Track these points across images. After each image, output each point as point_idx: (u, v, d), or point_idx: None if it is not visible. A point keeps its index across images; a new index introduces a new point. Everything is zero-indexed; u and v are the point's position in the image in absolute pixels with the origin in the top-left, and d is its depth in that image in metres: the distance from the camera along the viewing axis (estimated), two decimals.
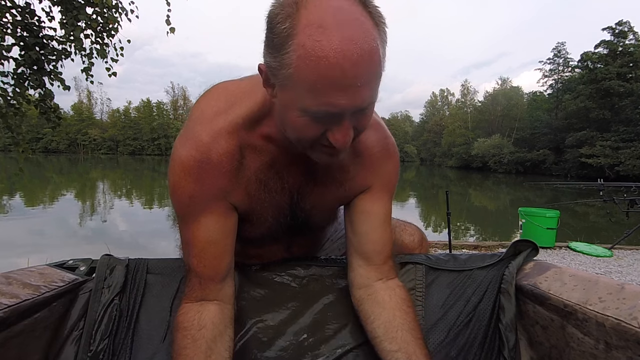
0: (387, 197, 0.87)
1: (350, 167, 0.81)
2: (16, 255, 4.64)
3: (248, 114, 0.73)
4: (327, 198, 0.84)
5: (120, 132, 74.55)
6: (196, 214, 0.76)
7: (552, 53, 43.78)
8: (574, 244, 4.79)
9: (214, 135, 0.73)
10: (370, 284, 0.86)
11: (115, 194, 14.30)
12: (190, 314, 0.77)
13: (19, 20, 3.79)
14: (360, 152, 0.81)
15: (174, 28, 4.51)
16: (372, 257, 0.85)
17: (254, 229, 0.85)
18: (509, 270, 0.91)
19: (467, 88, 66.17)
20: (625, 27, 32.67)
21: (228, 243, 0.80)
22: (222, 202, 0.77)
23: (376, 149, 0.82)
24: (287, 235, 0.92)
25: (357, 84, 0.54)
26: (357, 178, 0.83)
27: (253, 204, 0.80)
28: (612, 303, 0.66)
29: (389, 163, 0.86)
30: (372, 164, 0.83)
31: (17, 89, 3.89)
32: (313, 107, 0.56)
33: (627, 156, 28.98)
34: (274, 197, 0.80)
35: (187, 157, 0.73)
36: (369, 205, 0.85)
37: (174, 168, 0.74)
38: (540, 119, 43.86)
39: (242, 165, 0.76)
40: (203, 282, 0.78)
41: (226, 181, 0.75)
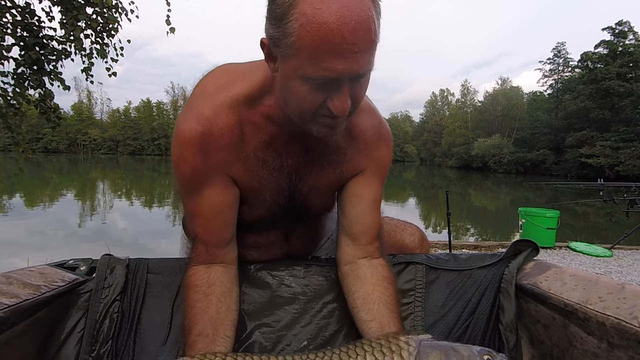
0: (378, 181, 0.90)
1: (346, 149, 0.85)
2: (16, 255, 4.64)
3: (249, 92, 0.76)
4: (323, 181, 0.87)
5: (120, 132, 74.56)
6: (200, 187, 0.79)
7: (552, 53, 43.87)
8: (574, 244, 4.79)
9: (215, 110, 0.76)
10: (355, 261, 0.90)
11: (115, 194, 14.31)
12: (199, 274, 0.82)
13: (19, 20, 3.79)
14: (356, 135, 0.85)
15: (174, 28, 4.51)
16: (360, 237, 0.89)
17: (252, 210, 0.88)
18: (508, 270, 0.91)
19: (467, 88, 66.23)
20: (625, 27, 32.70)
21: (231, 215, 0.84)
22: (223, 175, 0.80)
23: (370, 132, 0.86)
24: (285, 221, 0.94)
25: (355, 49, 0.57)
26: (352, 160, 0.86)
27: (252, 181, 0.83)
28: (612, 302, 0.67)
29: (383, 147, 0.89)
30: (366, 147, 0.86)
31: (17, 89, 3.89)
32: (314, 73, 0.59)
33: (627, 156, 28.99)
34: (273, 175, 0.83)
35: (190, 130, 0.75)
36: (361, 189, 0.89)
37: (177, 142, 0.77)
38: (540, 119, 43.88)
39: (243, 140, 0.79)
40: (209, 249, 0.83)
41: (227, 154, 0.78)
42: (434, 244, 4.48)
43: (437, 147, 65.68)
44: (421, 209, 12.90)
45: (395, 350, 0.67)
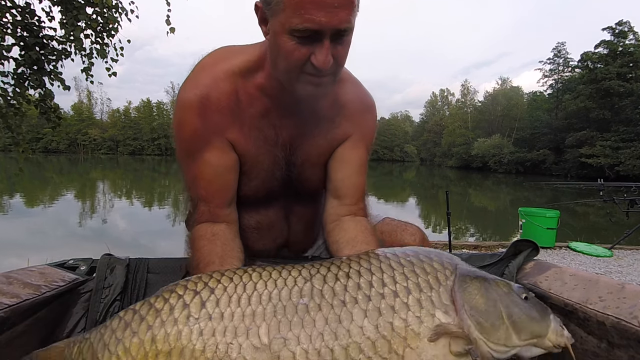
0: (364, 146, 0.98)
1: (334, 118, 0.93)
2: (16, 256, 4.64)
3: (245, 64, 0.85)
4: (315, 150, 0.94)
5: (120, 132, 74.49)
6: (200, 149, 0.85)
7: (552, 53, 43.84)
8: (574, 244, 4.79)
9: (213, 78, 0.84)
10: (339, 218, 0.95)
11: (115, 194, 14.31)
12: (203, 228, 0.87)
13: (19, 20, 3.79)
14: (342, 104, 0.94)
15: (174, 28, 4.51)
16: (345, 198, 0.95)
17: (250, 180, 0.93)
18: (508, 269, 0.91)
19: (467, 88, 66.17)
20: (625, 27, 32.68)
21: (231, 178, 0.90)
22: (222, 138, 0.86)
23: (356, 102, 0.95)
24: (283, 199, 0.99)
25: (335, 4, 0.67)
26: (340, 128, 0.94)
27: (249, 146, 0.89)
28: (612, 302, 0.67)
29: (368, 116, 0.98)
30: (352, 116, 0.95)
31: (17, 89, 3.89)
32: (299, 24, 0.68)
33: (627, 156, 28.99)
34: (268, 144, 0.90)
35: (190, 96, 0.83)
36: (347, 153, 0.95)
37: (178, 108, 0.85)
38: (540, 119, 43.85)
39: (239, 108, 0.86)
40: (211, 209, 0.88)
41: (224, 118, 0.85)
42: (434, 244, 4.46)
43: (437, 147, 65.67)
44: (421, 209, 12.90)
45: (430, 272, 0.63)
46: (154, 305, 0.62)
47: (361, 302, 0.60)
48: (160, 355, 0.58)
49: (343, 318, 0.59)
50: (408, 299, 0.60)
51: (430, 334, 0.58)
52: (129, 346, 0.60)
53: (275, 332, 0.58)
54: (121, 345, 0.60)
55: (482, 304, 0.60)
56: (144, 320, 0.61)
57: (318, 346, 0.57)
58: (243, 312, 0.59)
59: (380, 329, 0.58)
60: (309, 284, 0.62)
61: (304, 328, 0.58)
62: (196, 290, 0.63)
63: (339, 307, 0.60)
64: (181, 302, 0.62)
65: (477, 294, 0.61)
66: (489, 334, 0.58)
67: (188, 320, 0.59)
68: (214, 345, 0.57)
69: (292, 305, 0.60)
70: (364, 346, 0.57)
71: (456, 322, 0.59)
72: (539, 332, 0.61)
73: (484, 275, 0.64)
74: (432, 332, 0.58)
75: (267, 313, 0.59)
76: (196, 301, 0.61)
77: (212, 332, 0.58)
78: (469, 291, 0.61)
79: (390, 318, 0.59)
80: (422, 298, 0.60)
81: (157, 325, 0.60)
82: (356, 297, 0.60)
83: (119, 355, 0.59)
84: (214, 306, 0.60)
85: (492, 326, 0.59)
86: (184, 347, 0.58)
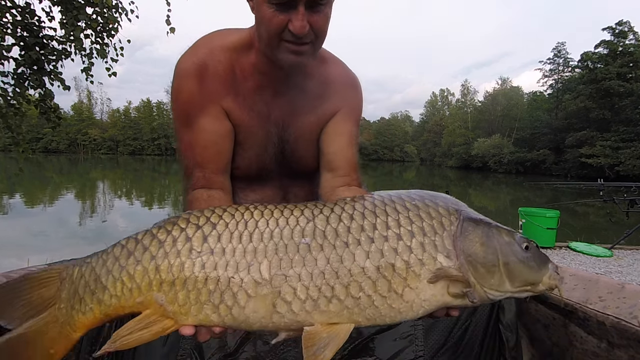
0: (352, 120, 1.02)
1: (323, 95, 0.99)
2: (16, 256, 4.64)
3: (239, 42, 0.91)
4: (307, 127, 0.99)
5: (120, 132, 74.52)
6: (196, 116, 0.89)
7: (552, 53, 43.85)
8: (574, 244, 4.79)
9: (211, 50, 0.90)
10: (334, 190, 0.96)
11: (115, 194, 14.31)
12: (199, 192, 0.90)
13: (19, 20, 3.79)
14: (330, 82, 1.00)
15: (174, 28, 4.52)
16: (338, 170, 0.98)
17: (244, 151, 0.97)
18: None
19: (467, 88, 66.18)
20: (625, 27, 32.70)
21: (226, 144, 0.93)
22: (217, 106, 0.90)
23: (341, 79, 1.02)
24: (279, 176, 1.02)
25: None
26: (328, 103, 1.00)
27: (243, 115, 0.93)
28: (612, 302, 0.67)
29: (353, 92, 1.04)
30: (338, 92, 1.01)
31: (17, 89, 3.89)
32: None
33: (627, 156, 29.00)
34: (261, 117, 0.94)
35: (188, 64, 0.88)
36: (338, 126, 1.00)
37: (176, 76, 0.89)
38: (540, 119, 43.86)
39: (235, 80, 0.91)
40: (207, 174, 0.91)
41: (220, 85, 0.89)
42: None
43: (437, 147, 65.67)
44: None
45: (435, 217, 0.64)
46: (156, 236, 0.63)
47: (364, 244, 0.61)
48: (164, 284, 0.60)
49: (345, 258, 0.60)
50: (411, 242, 0.61)
51: (430, 276, 0.60)
52: (133, 273, 0.61)
53: (276, 268, 0.59)
54: (125, 272, 0.61)
55: (481, 251, 0.62)
56: (147, 250, 0.62)
57: (319, 283, 0.59)
58: (244, 248, 0.61)
59: (381, 270, 0.59)
60: (311, 224, 0.63)
61: (305, 266, 0.59)
62: (198, 224, 0.64)
63: (342, 247, 0.61)
64: (184, 235, 0.63)
65: (477, 241, 0.62)
66: (484, 279, 0.61)
67: (190, 254, 0.61)
68: (216, 278, 0.59)
69: (294, 244, 0.61)
70: (365, 285, 0.59)
71: (457, 266, 0.60)
72: (533, 280, 0.63)
73: (487, 223, 0.65)
74: (432, 274, 0.60)
75: (269, 250, 0.60)
76: (198, 235, 0.62)
77: (214, 266, 0.60)
78: (471, 238, 0.62)
79: (392, 260, 0.60)
80: (426, 242, 0.62)
81: (160, 256, 0.61)
82: (359, 238, 0.61)
83: (123, 281, 0.61)
84: (215, 241, 0.62)
85: (487, 272, 0.61)
86: (187, 278, 0.59)
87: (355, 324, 0.60)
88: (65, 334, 0.62)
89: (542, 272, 0.63)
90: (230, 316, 0.59)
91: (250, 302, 0.58)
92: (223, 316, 0.59)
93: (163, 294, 0.60)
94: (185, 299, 0.59)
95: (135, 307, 0.62)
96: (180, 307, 0.60)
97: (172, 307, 0.60)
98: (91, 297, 0.62)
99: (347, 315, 0.59)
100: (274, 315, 0.59)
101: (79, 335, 0.63)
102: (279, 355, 0.90)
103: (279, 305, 0.58)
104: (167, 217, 2.14)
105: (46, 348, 0.61)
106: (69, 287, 0.63)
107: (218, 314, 0.59)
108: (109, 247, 0.65)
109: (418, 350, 0.91)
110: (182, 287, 0.60)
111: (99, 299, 0.62)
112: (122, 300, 0.61)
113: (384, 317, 0.60)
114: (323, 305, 0.58)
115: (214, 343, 0.91)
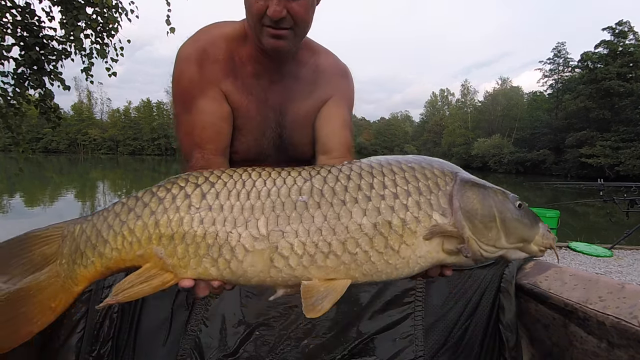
0: (345, 106, 1.07)
1: (316, 82, 1.05)
2: None
3: (234, 31, 0.97)
4: (302, 111, 1.04)
5: (120, 132, 74.48)
6: (195, 98, 0.92)
7: (552, 53, 43.82)
8: (574, 244, 4.79)
9: (211, 36, 0.95)
10: None
11: (115, 194, 14.29)
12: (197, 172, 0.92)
13: (19, 20, 3.79)
14: (322, 70, 1.06)
15: (174, 28, 4.52)
16: (332, 152, 1.01)
17: (243, 135, 1.00)
18: (508, 269, 0.91)
19: (467, 88, 66.14)
20: (625, 27, 32.68)
21: (224, 126, 0.96)
22: (216, 89, 0.94)
23: (333, 68, 1.09)
24: (277, 162, 1.05)
25: None
26: (322, 90, 1.06)
27: (242, 100, 0.96)
28: (612, 302, 0.67)
29: (345, 80, 1.11)
30: (330, 80, 1.07)
31: (17, 89, 3.89)
32: None
33: (627, 156, 28.97)
34: (259, 101, 0.98)
35: (189, 50, 0.93)
36: (331, 110, 1.05)
37: (177, 62, 0.93)
38: (540, 119, 43.84)
39: (234, 65, 0.95)
40: (205, 155, 0.93)
41: (220, 70, 0.93)
42: None
43: (437, 147, 65.59)
44: None
45: (430, 178, 0.66)
46: (156, 194, 0.65)
47: (361, 202, 0.62)
48: (163, 238, 0.62)
49: (342, 215, 0.61)
50: (408, 201, 0.63)
51: (426, 233, 0.61)
52: (133, 228, 0.63)
53: (273, 224, 0.61)
54: (126, 227, 0.63)
55: (478, 207, 0.64)
56: (147, 206, 0.64)
57: (316, 240, 0.60)
58: (242, 205, 0.62)
59: (378, 227, 0.61)
60: (308, 183, 0.64)
61: (302, 223, 0.61)
62: (197, 183, 0.66)
63: (339, 205, 0.62)
64: (183, 192, 0.64)
65: (474, 198, 0.65)
66: (481, 234, 0.63)
67: (189, 209, 0.63)
68: (214, 233, 0.61)
69: (291, 201, 0.62)
70: (362, 241, 0.60)
71: (452, 223, 0.62)
72: (527, 237, 0.65)
73: (483, 184, 0.68)
74: (428, 231, 0.61)
75: (266, 208, 0.62)
76: (197, 192, 0.64)
77: (213, 221, 0.61)
78: (467, 196, 0.64)
79: (389, 217, 0.61)
80: (422, 201, 0.63)
81: (159, 211, 0.63)
82: (356, 197, 0.63)
83: (124, 235, 0.63)
84: (214, 198, 0.63)
85: (485, 227, 0.63)
86: (186, 233, 0.61)
87: (352, 279, 0.61)
88: (66, 288, 0.64)
89: (534, 229, 0.66)
90: (229, 270, 0.61)
91: (248, 256, 0.60)
92: (222, 270, 0.61)
93: (162, 247, 0.62)
94: (184, 252, 0.61)
95: (136, 260, 0.63)
96: (179, 261, 0.61)
97: (172, 260, 0.62)
98: (92, 251, 0.64)
99: (344, 271, 0.61)
100: (272, 270, 0.60)
101: (81, 288, 0.65)
102: (279, 355, 0.90)
103: (276, 259, 0.60)
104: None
105: (47, 302, 0.63)
106: (71, 243, 0.65)
107: (217, 267, 0.61)
108: (110, 205, 0.67)
109: (418, 350, 0.91)
110: (180, 241, 0.61)
111: (100, 252, 0.64)
112: (122, 253, 0.63)
113: (380, 274, 0.62)
114: (320, 261, 0.60)
115: (214, 343, 0.91)
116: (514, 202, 0.66)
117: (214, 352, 0.90)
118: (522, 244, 0.65)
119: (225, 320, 0.92)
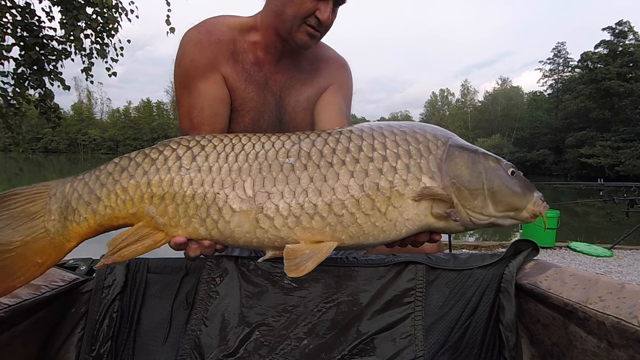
0: (342, 96, 1.12)
1: (317, 71, 1.11)
2: None
3: (240, 23, 1.01)
4: (303, 96, 1.08)
5: (120, 132, 74.44)
6: (195, 79, 0.95)
7: (552, 53, 43.80)
8: (574, 244, 4.79)
9: (215, 24, 0.99)
10: None
11: None
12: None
13: (19, 20, 3.79)
14: (322, 60, 1.12)
15: (174, 28, 4.52)
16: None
17: (241, 117, 1.03)
18: (508, 269, 0.91)
19: (467, 88, 66.16)
20: (625, 27, 32.66)
21: (222, 109, 0.99)
22: (216, 72, 0.97)
23: (332, 59, 1.15)
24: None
25: None
26: (322, 78, 1.11)
27: (240, 82, 1.00)
28: (612, 302, 0.67)
29: (344, 71, 1.17)
30: (330, 70, 1.13)
31: (17, 89, 3.89)
32: None
33: (627, 156, 28.95)
34: (259, 85, 1.01)
35: (192, 33, 0.97)
36: (329, 97, 1.10)
37: (181, 44, 0.97)
38: (540, 119, 43.81)
39: (235, 50, 0.99)
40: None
41: (220, 53, 0.97)
42: None
43: None
44: None
45: (422, 142, 0.65)
46: (149, 155, 0.67)
47: (349, 164, 0.62)
48: (155, 197, 0.63)
49: (329, 177, 0.62)
50: (397, 164, 0.63)
51: (415, 195, 0.61)
52: (126, 186, 0.64)
53: (259, 186, 0.62)
54: (119, 185, 0.64)
55: (465, 173, 0.63)
56: (140, 166, 0.65)
57: (301, 201, 0.60)
58: (230, 167, 0.64)
59: (365, 188, 0.61)
60: (296, 146, 0.65)
61: (288, 184, 0.61)
62: (188, 146, 0.67)
63: (326, 167, 0.62)
64: (174, 154, 0.66)
65: (463, 164, 0.64)
66: (467, 201, 0.62)
67: (180, 170, 0.64)
68: (203, 193, 0.62)
69: (278, 163, 0.63)
70: (348, 203, 0.60)
71: (441, 186, 0.62)
72: (518, 205, 0.64)
73: (474, 149, 0.67)
74: (416, 193, 0.61)
75: (253, 169, 0.63)
76: (188, 155, 0.66)
77: (201, 182, 0.63)
78: (456, 161, 0.64)
79: (376, 179, 0.61)
80: (411, 164, 0.63)
81: (152, 171, 0.65)
82: (344, 159, 0.63)
83: (117, 193, 0.64)
84: (203, 160, 0.65)
85: (471, 194, 0.62)
86: (176, 193, 0.63)
87: (338, 242, 0.61)
88: (56, 244, 0.65)
89: (526, 198, 0.64)
90: (217, 230, 0.62)
91: (234, 216, 0.61)
92: (210, 229, 0.62)
93: (154, 206, 0.63)
94: (175, 212, 0.62)
95: (129, 218, 0.64)
96: (170, 220, 0.63)
97: (163, 219, 0.63)
98: (85, 208, 0.65)
99: (329, 233, 0.61)
100: (258, 231, 0.61)
101: (73, 244, 0.67)
102: (279, 355, 0.90)
103: (262, 220, 0.60)
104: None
105: (31, 258, 0.64)
106: (61, 200, 0.66)
107: (205, 227, 0.62)
108: (101, 166, 0.68)
109: (418, 350, 0.91)
110: (171, 200, 0.63)
111: (93, 209, 0.64)
112: (116, 211, 0.64)
113: (367, 236, 0.61)
114: (305, 222, 0.60)
115: (214, 343, 0.90)
116: (507, 169, 0.65)
117: (214, 352, 0.89)
118: (513, 212, 0.64)
119: (225, 320, 0.91)
